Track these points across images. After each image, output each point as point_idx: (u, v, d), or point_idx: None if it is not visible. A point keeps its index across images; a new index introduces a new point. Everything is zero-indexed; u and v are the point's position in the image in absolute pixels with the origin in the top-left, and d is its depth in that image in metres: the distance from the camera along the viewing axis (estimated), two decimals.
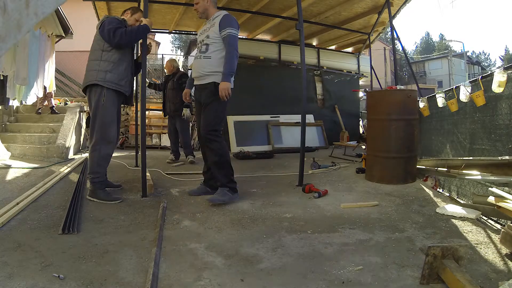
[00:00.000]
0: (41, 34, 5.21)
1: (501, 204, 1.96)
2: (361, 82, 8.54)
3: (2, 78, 4.74)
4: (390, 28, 5.30)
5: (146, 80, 4.16)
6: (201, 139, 2.90)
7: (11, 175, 3.54)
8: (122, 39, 2.73)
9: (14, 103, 5.47)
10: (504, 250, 1.81)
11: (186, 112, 4.83)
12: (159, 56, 13.99)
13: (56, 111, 5.74)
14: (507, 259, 1.72)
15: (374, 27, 6.47)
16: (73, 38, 6.28)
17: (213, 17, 2.80)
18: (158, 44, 21.10)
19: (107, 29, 2.73)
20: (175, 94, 4.88)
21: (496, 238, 1.98)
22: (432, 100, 3.54)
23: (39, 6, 0.62)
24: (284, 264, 1.71)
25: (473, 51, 46.55)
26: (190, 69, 9.99)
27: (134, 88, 3.59)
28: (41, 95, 5.39)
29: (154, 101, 9.53)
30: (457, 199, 2.92)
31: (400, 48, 7.86)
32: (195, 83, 2.94)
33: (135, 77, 3.30)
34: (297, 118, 6.07)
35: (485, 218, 2.37)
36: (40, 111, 5.65)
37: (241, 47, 6.74)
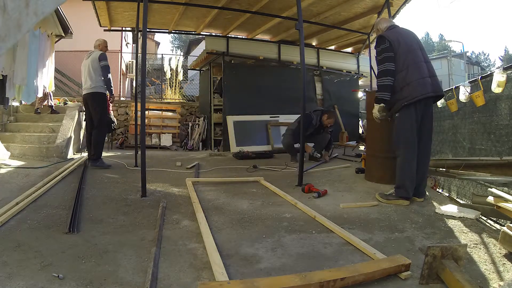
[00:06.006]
0: (41, 34, 5.20)
1: (500, 204, 1.97)
2: (360, 82, 8.54)
3: (1, 77, 4.73)
4: None
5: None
6: None
7: (10, 175, 3.54)
8: None
9: (14, 103, 5.46)
10: (503, 250, 1.81)
11: None
12: (159, 56, 14.01)
13: (56, 111, 5.74)
14: (506, 259, 1.73)
15: (373, 27, 6.47)
16: (73, 38, 6.28)
17: None
18: (157, 44, 21.12)
19: None
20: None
21: (495, 238, 1.98)
22: None
23: (39, 5, 0.62)
24: (284, 264, 1.71)
25: (472, 52, 46.62)
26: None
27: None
28: (40, 94, 5.38)
29: (154, 101, 9.53)
30: (457, 199, 2.92)
31: None
32: None
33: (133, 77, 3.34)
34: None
35: (484, 218, 2.38)
36: (39, 110, 5.64)
37: (241, 47, 6.81)
